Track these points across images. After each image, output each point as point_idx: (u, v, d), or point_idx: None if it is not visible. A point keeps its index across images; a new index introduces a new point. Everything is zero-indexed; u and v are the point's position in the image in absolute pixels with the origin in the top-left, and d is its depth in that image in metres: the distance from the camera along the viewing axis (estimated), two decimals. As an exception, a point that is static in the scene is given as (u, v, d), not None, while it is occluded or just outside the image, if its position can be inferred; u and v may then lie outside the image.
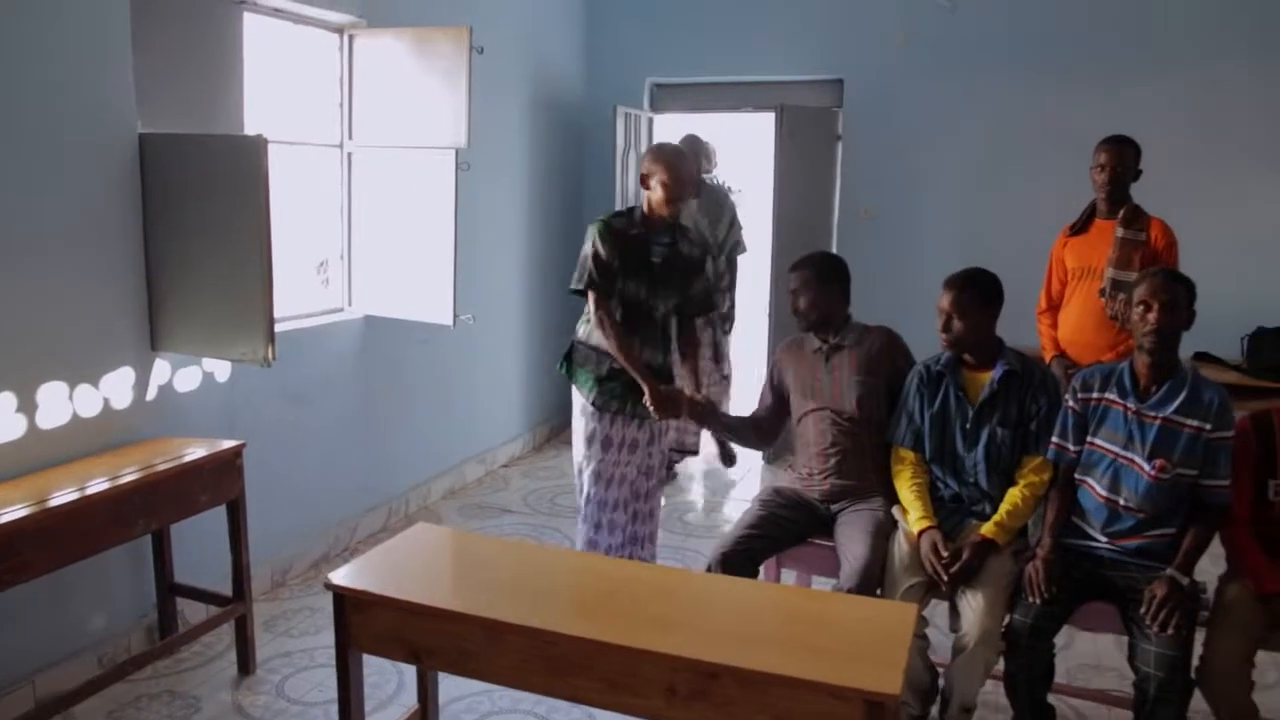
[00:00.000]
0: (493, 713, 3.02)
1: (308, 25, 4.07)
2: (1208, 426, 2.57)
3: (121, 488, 2.75)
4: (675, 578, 2.47)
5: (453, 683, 2.89)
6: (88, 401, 3.05)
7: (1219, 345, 4.97)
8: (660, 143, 3.56)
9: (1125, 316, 3.27)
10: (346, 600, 2.27)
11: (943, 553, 2.70)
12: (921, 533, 2.79)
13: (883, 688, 1.84)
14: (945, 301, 2.90)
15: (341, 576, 2.32)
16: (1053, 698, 2.81)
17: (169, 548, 3.26)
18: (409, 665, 2.88)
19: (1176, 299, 2.61)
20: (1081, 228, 3.79)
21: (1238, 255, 5.07)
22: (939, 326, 2.91)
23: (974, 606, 2.63)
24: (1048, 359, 3.83)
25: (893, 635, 2.05)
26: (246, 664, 3.23)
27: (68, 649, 3.03)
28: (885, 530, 2.90)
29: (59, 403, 2.95)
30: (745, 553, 2.92)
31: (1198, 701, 2.50)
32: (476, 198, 4.74)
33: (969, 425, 2.87)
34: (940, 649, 2.93)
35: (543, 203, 5.83)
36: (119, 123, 3.10)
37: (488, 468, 5.49)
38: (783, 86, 5.97)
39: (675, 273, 3.37)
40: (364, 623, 2.27)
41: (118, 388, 3.15)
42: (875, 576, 2.78)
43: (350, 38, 4.21)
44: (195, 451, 3.04)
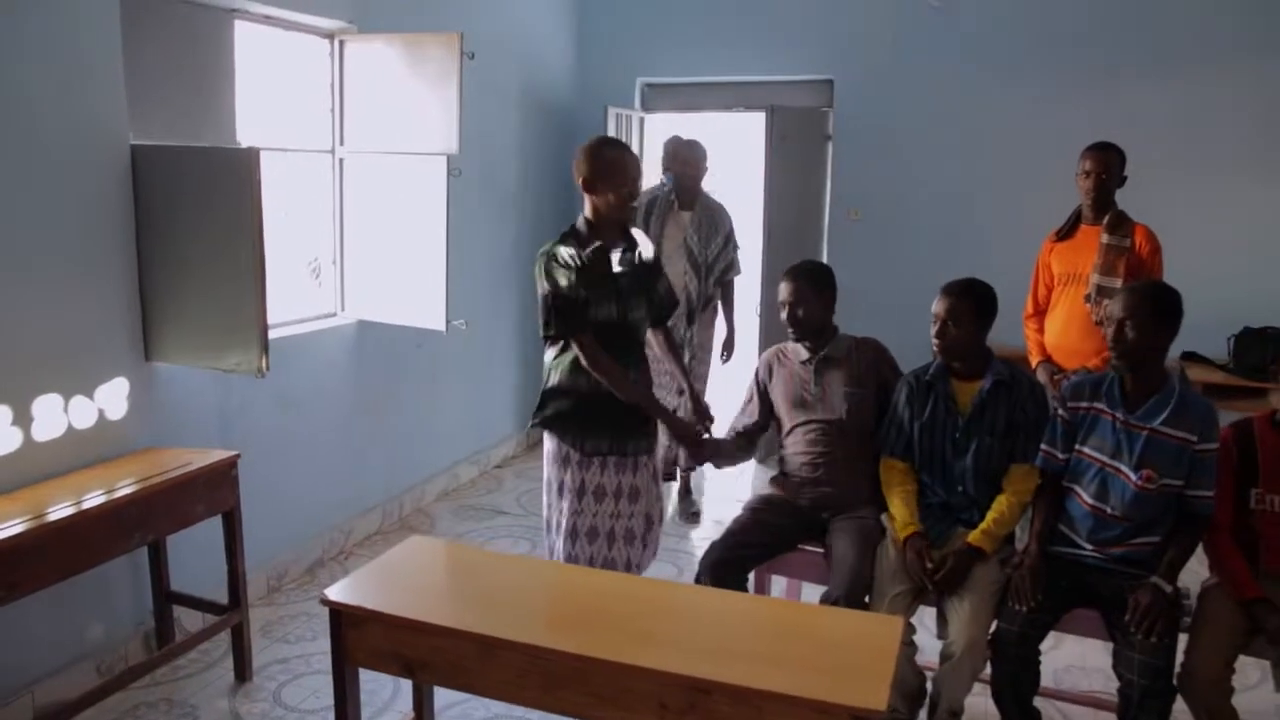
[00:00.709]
0: (487, 720, 3.07)
1: (299, 31, 4.08)
2: (1194, 439, 2.61)
3: (117, 501, 2.78)
4: (665, 591, 2.50)
5: (447, 690, 2.92)
6: (82, 413, 3.06)
7: (1206, 345, 5.03)
8: (601, 138, 3.15)
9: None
10: (342, 616, 2.30)
11: (927, 562, 2.75)
12: (907, 539, 2.83)
13: (868, 704, 1.87)
14: (942, 308, 2.92)
15: (337, 592, 2.35)
16: (1040, 701, 2.85)
17: (165, 556, 3.28)
18: (404, 675, 2.91)
19: (1142, 316, 2.64)
20: (1067, 233, 3.83)
21: (1224, 256, 5.10)
22: (934, 332, 2.93)
23: (961, 614, 2.68)
24: (1034, 364, 3.88)
25: (879, 650, 2.08)
26: (243, 671, 3.26)
27: (66, 658, 3.05)
28: (874, 539, 2.94)
29: (54, 415, 2.97)
30: (735, 560, 2.95)
31: (1180, 705, 2.55)
32: (469, 200, 4.76)
33: (958, 434, 2.91)
34: (929, 652, 2.98)
35: (535, 204, 5.85)
36: (110, 135, 3.11)
37: (481, 468, 5.52)
38: (774, 86, 5.98)
39: (639, 279, 3.05)
40: (359, 638, 2.30)
41: (112, 399, 3.17)
42: (864, 584, 2.81)
43: (341, 43, 4.21)
44: (190, 463, 3.07)
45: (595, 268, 2.91)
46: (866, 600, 2.81)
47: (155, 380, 3.34)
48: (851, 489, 3.06)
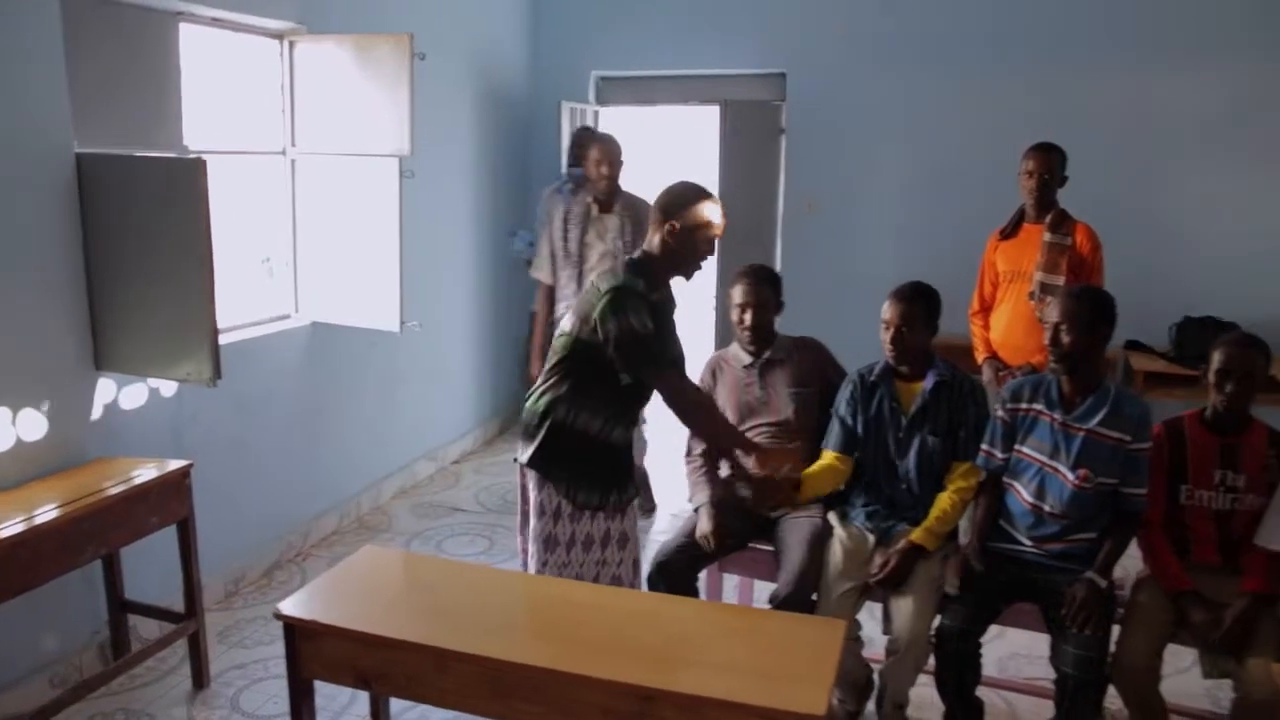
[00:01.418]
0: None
1: (247, 33, 4.05)
2: (1128, 439, 2.70)
3: (69, 516, 2.77)
4: (614, 598, 2.54)
5: (405, 695, 2.96)
6: (32, 426, 3.05)
7: (1149, 334, 5.15)
8: (685, 181, 2.81)
9: None
10: (296, 629, 2.33)
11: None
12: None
13: (809, 708, 1.94)
14: (895, 314, 2.96)
15: (291, 606, 2.38)
16: (985, 690, 2.95)
17: (119, 566, 3.28)
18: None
19: (1079, 321, 2.72)
20: (1011, 232, 3.91)
21: (1166, 247, 5.23)
22: (888, 339, 2.97)
23: (904, 610, 2.76)
24: (980, 360, 3.96)
25: (821, 654, 2.15)
26: (201, 678, 3.28)
27: (19, 672, 3.04)
28: (822, 537, 3.00)
29: (2, 428, 2.96)
30: (686, 561, 3.01)
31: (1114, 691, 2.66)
32: (423, 200, 4.75)
33: (902, 434, 2.98)
34: (877, 645, 3.06)
35: (490, 200, 5.85)
36: (54, 143, 3.08)
37: (439, 465, 5.55)
38: (727, 80, 6.02)
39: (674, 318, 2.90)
40: (314, 651, 2.33)
41: (62, 410, 3.15)
42: (811, 583, 2.88)
43: (291, 44, 4.19)
44: (143, 474, 3.06)
45: (665, 311, 2.79)
46: (814, 598, 2.89)
47: (106, 391, 3.32)
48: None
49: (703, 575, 3.15)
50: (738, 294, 3.20)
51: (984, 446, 2.93)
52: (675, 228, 2.69)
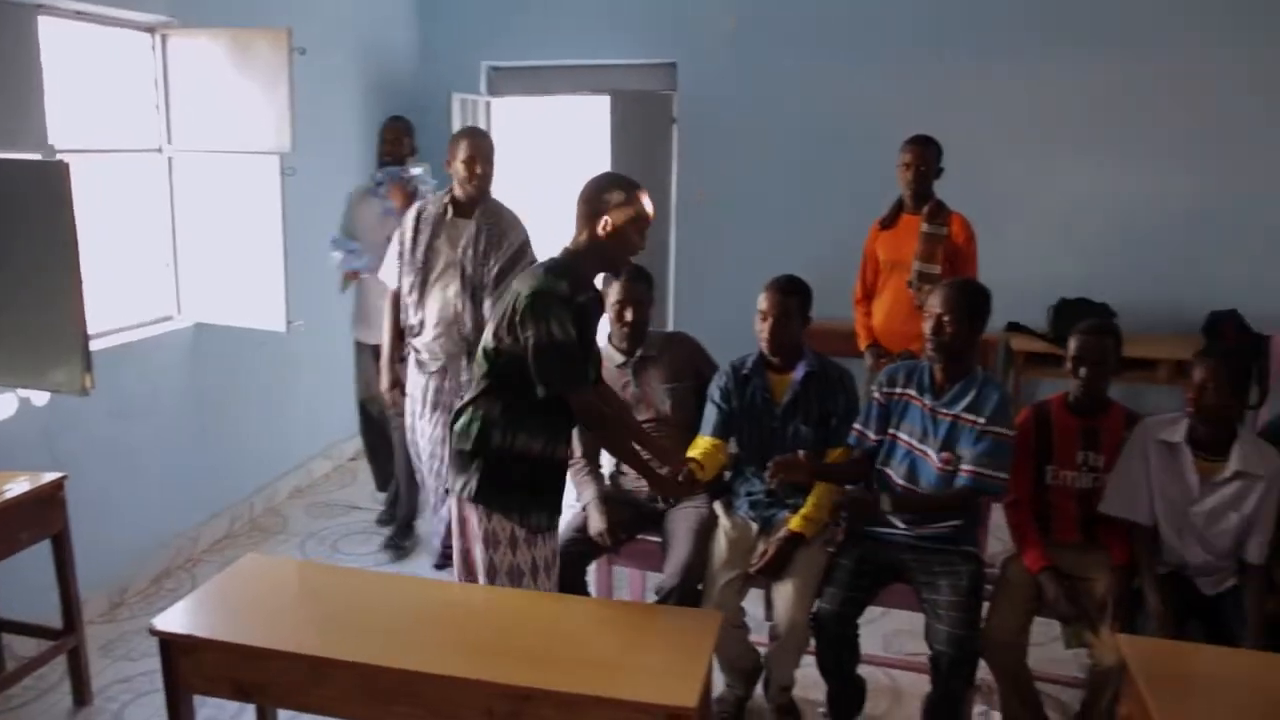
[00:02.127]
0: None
1: (114, 26, 3.92)
2: (981, 420, 2.81)
3: (-69, 535, 2.68)
4: (494, 597, 2.54)
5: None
6: (-110, 442, 2.93)
7: (1028, 315, 5.35)
8: (610, 172, 2.76)
9: None
10: (172, 644, 2.30)
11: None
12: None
13: (682, 701, 2.01)
14: (771, 305, 3.03)
15: (167, 619, 2.34)
16: (869, 668, 3.06)
17: (-9, 582, 3.18)
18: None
19: (958, 312, 2.84)
20: (890, 222, 4.03)
21: (1043, 232, 5.42)
22: (766, 330, 3.04)
23: (784, 597, 2.85)
24: (862, 346, 4.08)
25: (695, 647, 2.22)
26: (82, 695, 3.19)
27: (-115, 697, 2.94)
28: (709, 527, 3.07)
29: None
30: (575, 554, 3.04)
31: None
32: (307, 196, 4.64)
33: (776, 424, 3.06)
34: (763, 630, 3.14)
35: (381, 193, 5.75)
36: (-95, 148, 2.95)
37: (335, 462, 5.47)
38: (619, 69, 6.02)
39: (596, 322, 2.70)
40: (192, 665, 2.30)
41: (-77, 425, 3.03)
42: (697, 573, 2.95)
43: (163, 38, 4.06)
44: (13, 488, 2.96)
45: (591, 313, 2.61)
46: (700, 587, 2.95)
47: (-29, 402, 3.21)
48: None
49: (592, 569, 3.19)
50: (615, 291, 3.23)
51: (857, 426, 3.03)
52: (609, 222, 2.54)
